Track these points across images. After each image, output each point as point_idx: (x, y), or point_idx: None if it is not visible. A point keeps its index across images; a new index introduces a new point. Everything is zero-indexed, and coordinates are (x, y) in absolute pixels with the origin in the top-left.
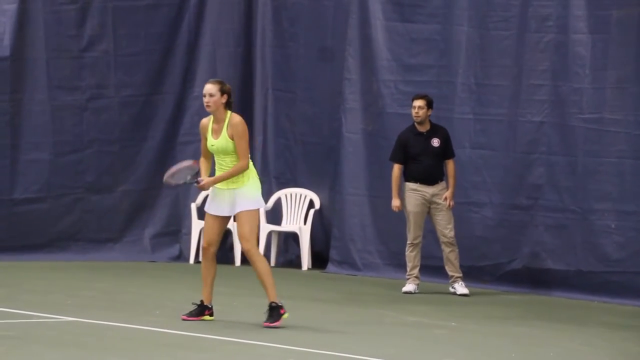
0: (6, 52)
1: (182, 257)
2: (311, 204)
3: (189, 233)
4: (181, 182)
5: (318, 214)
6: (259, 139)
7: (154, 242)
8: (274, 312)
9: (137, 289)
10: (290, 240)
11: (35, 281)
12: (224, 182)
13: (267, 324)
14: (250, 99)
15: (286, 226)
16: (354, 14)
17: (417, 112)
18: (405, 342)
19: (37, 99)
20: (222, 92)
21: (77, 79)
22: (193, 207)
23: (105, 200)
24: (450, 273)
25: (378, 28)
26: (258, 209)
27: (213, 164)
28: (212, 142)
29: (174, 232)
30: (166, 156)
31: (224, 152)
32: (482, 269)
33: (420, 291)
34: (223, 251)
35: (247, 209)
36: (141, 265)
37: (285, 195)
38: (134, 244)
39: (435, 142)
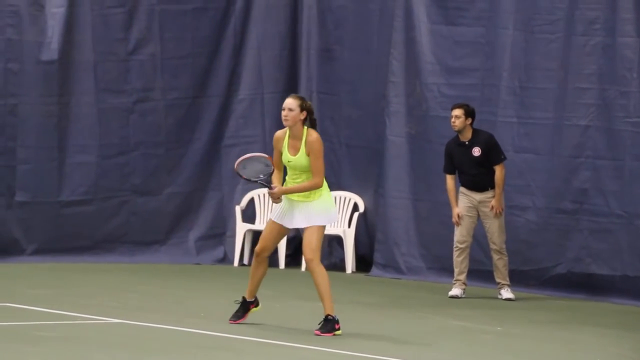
0: (54, 55)
1: (226, 259)
2: (355, 207)
3: (233, 235)
4: (253, 179)
5: (362, 217)
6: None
7: (199, 244)
8: (329, 324)
9: (182, 291)
10: (334, 243)
11: (81, 283)
12: (300, 195)
13: (318, 332)
14: None
15: (330, 229)
16: (399, 17)
17: (453, 122)
18: (451, 346)
19: (84, 102)
20: (302, 108)
21: (123, 82)
22: (238, 209)
23: (151, 203)
24: (497, 280)
25: (422, 31)
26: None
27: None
28: (290, 158)
29: (219, 234)
30: (211, 159)
31: (301, 170)
32: (527, 273)
33: (465, 295)
34: None
35: (320, 224)
36: (186, 267)
37: None
38: (179, 246)
39: (476, 152)
